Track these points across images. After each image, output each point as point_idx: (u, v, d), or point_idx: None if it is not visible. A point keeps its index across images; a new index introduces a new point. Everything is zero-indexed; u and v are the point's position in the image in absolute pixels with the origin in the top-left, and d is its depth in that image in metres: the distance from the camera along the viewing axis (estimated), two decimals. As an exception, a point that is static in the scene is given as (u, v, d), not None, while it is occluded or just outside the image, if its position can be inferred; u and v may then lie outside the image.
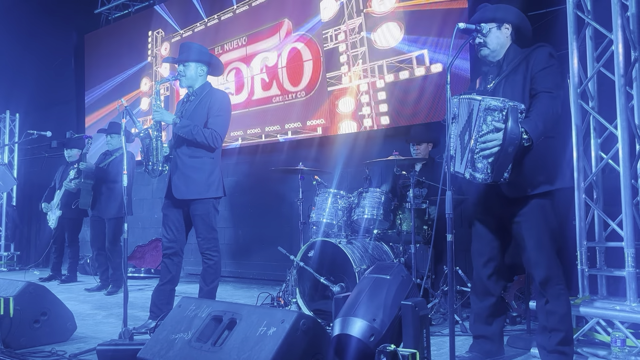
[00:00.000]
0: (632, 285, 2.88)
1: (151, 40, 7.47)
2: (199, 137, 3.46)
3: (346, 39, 4.19)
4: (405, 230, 4.02)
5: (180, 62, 3.59)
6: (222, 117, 3.57)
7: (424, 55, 4.34)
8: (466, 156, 2.47)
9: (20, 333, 3.05)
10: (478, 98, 2.44)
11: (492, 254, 2.74)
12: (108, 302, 4.89)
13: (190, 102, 3.62)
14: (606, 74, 3.17)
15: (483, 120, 2.38)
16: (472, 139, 2.42)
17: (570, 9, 3.29)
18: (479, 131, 2.40)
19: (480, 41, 2.68)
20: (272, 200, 6.39)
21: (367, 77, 4.19)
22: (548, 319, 2.54)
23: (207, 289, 3.58)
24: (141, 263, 7.49)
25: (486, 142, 2.37)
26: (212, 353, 2.14)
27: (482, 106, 2.39)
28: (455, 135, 2.56)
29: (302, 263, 3.85)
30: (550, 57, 2.56)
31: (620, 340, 2.68)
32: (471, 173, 2.44)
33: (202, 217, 3.54)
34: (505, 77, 2.62)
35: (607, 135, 3.24)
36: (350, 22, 4.21)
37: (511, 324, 3.70)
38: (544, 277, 2.52)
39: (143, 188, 7.93)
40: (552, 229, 2.57)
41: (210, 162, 3.57)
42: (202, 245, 3.57)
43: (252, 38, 5.19)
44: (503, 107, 2.35)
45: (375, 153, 4.96)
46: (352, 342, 2.21)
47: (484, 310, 2.76)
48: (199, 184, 3.51)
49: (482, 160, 2.40)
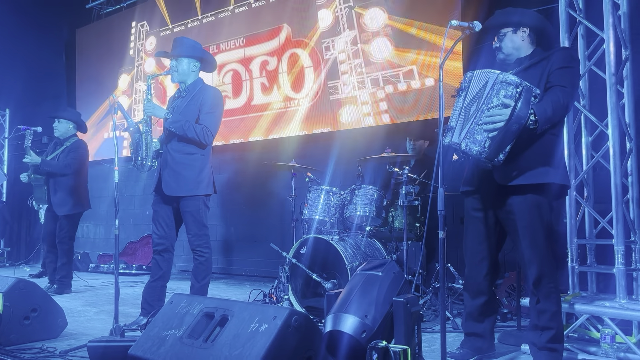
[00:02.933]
0: (621, 282, 2.91)
1: (134, 32, 7.06)
2: (190, 132, 3.43)
3: (344, 49, 4.25)
4: (397, 227, 4.03)
5: (172, 57, 3.56)
6: (214, 114, 3.55)
7: (414, 70, 4.34)
8: (468, 126, 2.45)
9: (10, 330, 3.03)
10: (496, 71, 2.43)
11: (487, 251, 2.73)
12: (99, 299, 4.87)
13: (182, 98, 3.59)
14: (597, 72, 3.19)
15: (495, 93, 2.38)
16: (479, 111, 2.41)
17: (562, 7, 3.30)
18: (488, 103, 2.39)
19: (496, 45, 2.70)
20: (265, 197, 6.37)
21: (366, 87, 4.25)
22: (539, 318, 2.55)
23: (198, 285, 3.57)
24: (132, 260, 7.45)
25: (492, 115, 2.36)
26: (204, 350, 2.14)
27: (500, 78, 2.38)
28: (460, 108, 2.54)
29: (295, 260, 3.85)
30: (572, 58, 2.57)
31: (610, 336, 2.71)
32: (467, 144, 2.42)
33: (193, 214, 3.52)
34: (522, 71, 2.60)
35: (598, 133, 3.26)
36: (344, 34, 4.27)
37: (502, 320, 3.72)
38: (537, 276, 2.52)
39: (134, 184, 7.89)
40: (547, 227, 2.56)
41: (201, 158, 3.55)
42: (193, 242, 3.56)
43: (250, 40, 5.13)
44: (519, 84, 2.34)
45: (368, 150, 4.96)
46: (344, 338, 2.21)
47: (477, 308, 2.76)
48: (189, 180, 3.49)
49: (482, 133, 2.39)
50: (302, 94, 4.56)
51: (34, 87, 8.99)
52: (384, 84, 4.44)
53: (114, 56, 8.12)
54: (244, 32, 5.16)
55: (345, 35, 4.15)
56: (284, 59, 4.76)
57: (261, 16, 4.98)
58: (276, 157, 5.90)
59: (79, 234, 8.58)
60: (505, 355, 2.90)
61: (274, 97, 4.90)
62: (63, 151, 5.19)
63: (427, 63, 4.34)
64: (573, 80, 2.54)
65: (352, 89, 4.29)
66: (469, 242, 2.79)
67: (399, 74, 4.23)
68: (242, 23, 5.27)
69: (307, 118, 5.05)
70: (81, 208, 5.21)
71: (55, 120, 5.26)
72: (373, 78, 4.37)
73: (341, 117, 4.70)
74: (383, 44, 4.07)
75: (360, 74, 4.23)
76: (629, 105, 3.18)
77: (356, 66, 4.14)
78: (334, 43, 4.26)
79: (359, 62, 4.19)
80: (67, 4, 8.56)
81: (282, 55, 4.77)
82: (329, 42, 4.30)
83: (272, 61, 4.84)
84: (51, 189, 5.12)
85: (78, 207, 5.17)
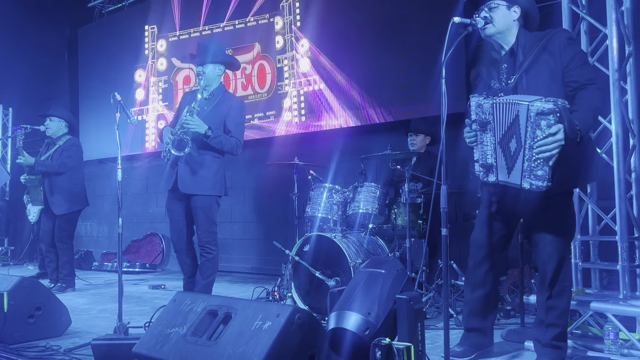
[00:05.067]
0: (625, 279, 2.90)
1: (147, 34, 7.74)
2: (227, 147, 3.66)
3: (288, 62, 6.33)
4: (400, 225, 4.03)
5: (199, 63, 3.72)
6: (243, 125, 3.84)
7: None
8: (520, 166, 2.33)
9: (14, 328, 3.04)
10: (524, 102, 2.27)
11: (494, 246, 2.66)
12: (103, 297, 4.88)
13: (207, 102, 3.69)
14: (600, 68, 3.17)
15: (536, 126, 2.23)
16: (526, 148, 2.28)
17: (565, 3, 3.30)
18: (533, 138, 2.25)
19: (486, 15, 2.52)
20: (267, 194, 6.38)
21: (297, 87, 6.25)
22: (547, 314, 2.52)
23: (204, 282, 3.63)
24: (136, 258, 7.47)
25: (545, 145, 2.23)
26: (208, 347, 2.14)
27: (533, 111, 2.23)
28: (494, 144, 2.42)
29: (298, 257, 3.86)
30: (574, 42, 2.47)
31: (614, 333, 2.70)
32: (532, 183, 2.30)
33: (204, 210, 3.65)
34: (525, 71, 2.48)
35: (601, 129, 3.25)
36: (288, 53, 6.35)
37: (505, 317, 3.72)
38: (555, 272, 2.47)
39: (138, 183, 7.90)
40: (570, 224, 2.52)
41: (218, 160, 3.73)
42: (203, 238, 3.66)
43: (235, 51, 6.75)
44: (556, 110, 2.21)
45: (370, 147, 4.96)
46: (347, 335, 2.21)
47: (477, 301, 2.72)
48: (206, 179, 3.65)
49: (542, 168, 2.26)
50: (264, 89, 6.57)
51: (37, 86, 9.00)
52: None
53: (116, 54, 8.13)
54: (231, 45, 6.76)
55: (288, 55, 6.34)
56: (256, 66, 6.66)
57: (243, 35, 6.79)
58: (279, 155, 5.91)
59: (83, 233, 8.62)
60: (509, 352, 2.90)
61: (249, 92, 6.67)
62: (56, 150, 5.15)
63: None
64: (591, 68, 2.43)
65: (290, 87, 6.35)
66: (478, 233, 2.71)
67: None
68: (230, 38, 6.85)
69: (266, 104, 6.55)
70: (79, 206, 5.20)
71: (47, 119, 5.23)
72: (303, 81, 6.28)
73: (282, 104, 6.36)
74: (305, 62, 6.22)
75: (295, 77, 6.32)
76: (632, 102, 3.16)
77: (294, 73, 6.26)
78: (284, 57, 6.38)
79: (295, 70, 6.27)
80: (68, 3, 8.57)
81: (255, 63, 6.68)
82: (281, 56, 6.41)
83: (248, 67, 6.72)
84: (47, 189, 5.09)
85: (76, 206, 5.16)
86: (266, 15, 6.57)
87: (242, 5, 6.80)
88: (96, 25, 8.61)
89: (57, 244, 5.12)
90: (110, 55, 8.20)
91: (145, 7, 7.86)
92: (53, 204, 5.07)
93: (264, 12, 6.59)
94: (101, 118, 8.11)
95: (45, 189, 5.10)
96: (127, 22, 8.13)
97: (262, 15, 6.62)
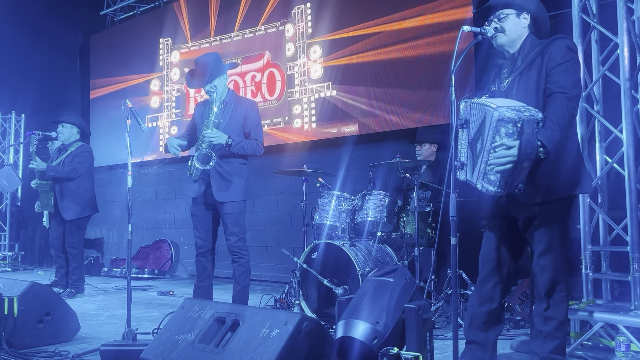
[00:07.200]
0: (636, 290, 2.87)
1: (162, 47, 7.93)
2: (249, 150, 3.81)
3: (299, 69, 6.40)
4: (408, 233, 4.01)
5: (206, 84, 3.79)
6: (260, 126, 3.98)
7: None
8: (478, 167, 2.34)
9: (24, 333, 3.06)
10: (492, 106, 2.24)
11: (500, 259, 2.60)
12: (112, 303, 4.90)
13: (223, 110, 3.82)
14: (611, 77, 3.16)
15: (497, 131, 2.22)
16: (485, 150, 2.28)
17: (576, 12, 3.29)
18: (492, 142, 2.25)
19: (496, 26, 2.49)
20: (276, 202, 6.39)
21: (307, 93, 6.31)
22: (546, 324, 2.46)
23: (239, 287, 3.84)
24: (145, 264, 7.50)
25: (500, 157, 2.22)
26: (215, 354, 2.15)
27: (495, 116, 2.21)
28: (467, 142, 2.43)
29: (306, 265, 3.85)
30: (569, 50, 2.39)
31: (625, 345, 2.67)
32: (483, 185, 2.32)
33: (235, 216, 3.80)
34: (519, 74, 2.46)
35: (612, 139, 3.23)
36: (299, 60, 6.40)
37: (515, 327, 3.69)
38: (550, 283, 2.43)
39: (147, 189, 7.95)
40: (565, 234, 2.47)
41: (246, 167, 3.91)
42: (234, 243, 3.80)
43: (245, 60, 6.91)
44: (518, 120, 2.17)
45: (379, 155, 4.96)
46: (355, 344, 2.21)
47: (482, 315, 2.63)
48: (240, 187, 3.82)
49: (494, 173, 2.27)
50: (274, 96, 6.63)
51: (49, 93, 9.10)
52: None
53: (128, 62, 8.21)
54: (241, 54, 6.93)
55: (299, 62, 6.41)
56: (266, 73, 6.72)
57: (252, 44, 6.90)
58: (288, 162, 5.92)
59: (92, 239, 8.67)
60: (518, 363, 2.87)
61: (258, 99, 6.71)
62: (68, 156, 5.22)
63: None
64: (573, 77, 2.37)
65: (300, 94, 6.44)
66: (485, 248, 2.67)
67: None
68: (240, 47, 6.98)
69: (275, 111, 6.61)
70: (88, 212, 5.26)
71: (59, 125, 5.31)
72: (314, 88, 6.36)
73: (292, 111, 6.44)
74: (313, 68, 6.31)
75: (305, 84, 6.38)
76: (644, 111, 3.15)
77: (304, 80, 6.33)
78: (295, 64, 6.44)
79: (306, 78, 6.33)
80: (81, 11, 8.66)
81: (264, 71, 6.73)
82: (292, 63, 6.47)
83: (258, 75, 6.80)
84: (58, 194, 5.16)
85: (86, 211, 5.22)
86: (277, 23, 6.62)
87: (251, 14, 6.88)
88: (108, 33, 8.71)
89: (67, 249, 5.17)
90: (122, 63, 8.28)
91: (157, 14, 7.95)
92: (63, 209, 5.13)
93: (274, 20, 6.64)
94: (112, 125, 8.19)
95: (56, 194, 5.17)
96: (139, 30, 8.21)
97: (271, 24, 6.68)
